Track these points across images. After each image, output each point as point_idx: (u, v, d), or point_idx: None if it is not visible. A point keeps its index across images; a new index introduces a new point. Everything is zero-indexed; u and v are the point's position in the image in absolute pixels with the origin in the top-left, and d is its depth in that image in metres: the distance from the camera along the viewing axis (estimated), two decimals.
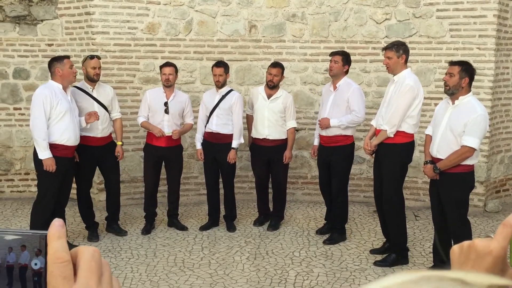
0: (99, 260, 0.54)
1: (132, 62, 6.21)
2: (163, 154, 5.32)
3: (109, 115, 5.20)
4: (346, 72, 5.11)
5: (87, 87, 5.08)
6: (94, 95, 5.09)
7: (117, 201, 5.37)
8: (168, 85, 5.26)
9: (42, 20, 6.34)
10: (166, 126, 5.26)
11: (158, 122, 5.27)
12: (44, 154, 4.54)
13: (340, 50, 5.30)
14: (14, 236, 0.57)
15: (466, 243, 0.70)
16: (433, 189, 4.34)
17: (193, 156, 6.38)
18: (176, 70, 5.31)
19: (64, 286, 0.51)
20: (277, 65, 5.38)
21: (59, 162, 4.60)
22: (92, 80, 5.05)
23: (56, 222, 0.55)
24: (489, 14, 5.92)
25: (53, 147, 4.58)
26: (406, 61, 4.59)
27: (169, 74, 5.21)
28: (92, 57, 5.07)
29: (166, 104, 5.25)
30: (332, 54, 5.11)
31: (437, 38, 6.15)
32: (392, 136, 4.54)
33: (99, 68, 5.07)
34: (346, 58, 5.05)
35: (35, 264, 0.55)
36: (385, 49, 4.63)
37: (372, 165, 6.47)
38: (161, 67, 5.31)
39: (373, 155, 4.84)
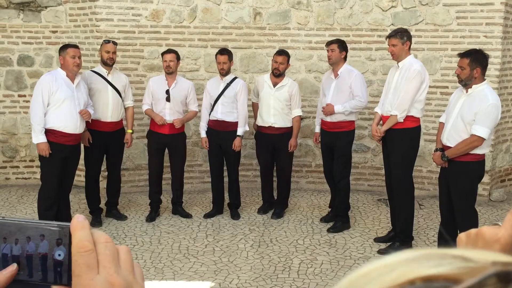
0: (112, 248, 0.54)
1: (136, 50, 6.19)
2: (166, 141, 5.33)
3: (122, 102, 5.30)
4: (345, 58, 5.18)
5: (103, 71, 5.19)
6: (109, 79, 5.19)
7: (117, 186, 5.49)
8: (169, 72, 5.25)
9: (46, 7, 6.31)
10: (168, 113, 5.27)
11: (160, 109, 5.28)
12: (38, 138, 4.63)
13: (334, 38, 5.34)
14: (34, 227, 0.57)
15: (473, 231, 0.69)
16: (442, 178, 4.34)
17: (197, 144, 6.38)
18: (178, 57, 5.29)
19: (88, 275, 0.52)
20: (282, 53, 5.35)
21: (56, 148, 4.65)
22: (106, 63, 5.15)
23: (78, 216, 0.56)
24: (496, 2, 5.85)
25: (51, 132, 4.65)
26: (410, 47, 4.62)
27: (170, 61, 5.20)
28: (108, 41, 5.18)
29: (167, 92, 5.25)
30: (327, 44, 5.22)
31: (443, 26, 6.09)
32: (402, 121, 4.56)
33: (113, 53, 5.16)
34: (341, 45, 5.13)
35: (59, 255, 0.56)
36: (389, 37, 4.66)
37: (376, 153, 6.47)
38: (163, 54, 5.32)
39: (381, 142, 4.85)
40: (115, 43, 5.20)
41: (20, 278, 0.57)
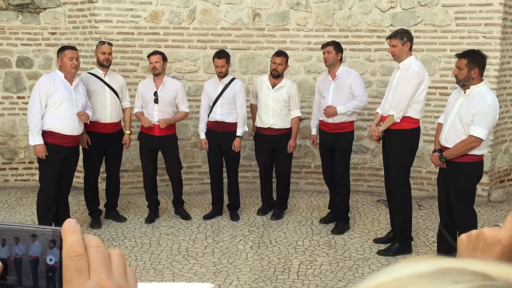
0: (104, 252, 0.54)
1: (135, 51, 6.19)
2: (157, 143, 5.33)
3: (120, 103, 5.30)
4: (341, 59, 5.19)
5: (100, 72, 5.19)
6: (106, 80, 5.20)
7: (116, 187, 5.48)
8: (156, 74, 5.24)
9: (45, 9, 6.31)
10: (157, 115, 5.27)
11: (149, 112, 5.29)
12: (35, 140, 4.63)
13: (330, 41, 5.34)
14: (25, 229, 0.55)
15: (474, 232, 0.69)
16: (441, 179, 4.33)
17: (196, 145, 6.38)
18: (164, 58, 5.28)
19: (78, 280, 0.51)
20: (281, 54, 5.35)
21: (54, 150, 4.65)
22: (102, 65, 5.15)
23: (70, 220, 0.55)
24: (495, 2, 5.86)
25: (48, 134, 4.65)
26: (410, 48, 4.62)
27: (155, 62, 5.19)
28: (103, 42, 5.19)
29: (155, 93, 5.26)
30: (323, 46, 5.22)
31: (442, 26, 6.10)
32: (399, 121, 4.56)
33: (109, 54, 5.16)
34: (337, 47, 5.14)
35: (50, 259, 0.54)
36: (389, 37, 4.67)
37: (376, 154, 6.48)
38: (148, 56, 5.32)
39: (380, 142, 4.84)
40: (110, 44, 5.21)
41: (8, 283, 0.54)
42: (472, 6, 5.95)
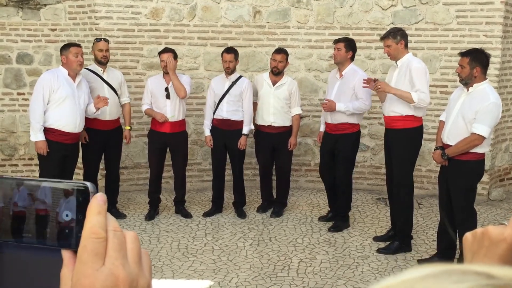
0: (121, 237, 0.53)
1: (135, 48, 6.17)
2: (167, 140, 5.32)
3: (118, 99, 5.28)
4: (352, 58, 5.07)
5: (98, 69, 5.17)
6: (104, 77, 5.18)
7: (116, 184, 5.49)
8: (167, 71, 5.23)
9: (45, 5, 6.29)
10: (169, 110, 5.26)
11: (161, 108, 5.28)
12: (36, 136, 4.63)
13: (343, 37, 5.24)
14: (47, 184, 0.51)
15: (479, 230, 0.69)
16: (442, 176, 4.33)
17: (196, 142, 6.37)
18: (175, 56, 5.27)
19: (94, 263, 0.50)
20: (281, 51, 5.34)
21: (55, 147, 4.65)
22: (100, 62, 5.13)
23: (99, 197, 0.52)
24: (496, 1, 5.85)
25: (50, 131, 4.64)
26: (406, 45, 4.59)
27: (167, 59, 5.18)
28: (99, 39, 5.15)
29: (166, 89, 5.25)
30: (334, 42, 5.11)
31: (443, 25, 6.09)
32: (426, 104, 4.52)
33: (107, 50, 5.13)
34: (349, 44, 5.02)
35: (66, 215, 0.51)
36: (382, 38, 4.65)
37: (376, 152, 6.47)
38: (160, 53, 5.29)
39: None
40: (106, 40, 5.17)
41: (25, 242, 0.51)
42: (473, 5, 5.94)
